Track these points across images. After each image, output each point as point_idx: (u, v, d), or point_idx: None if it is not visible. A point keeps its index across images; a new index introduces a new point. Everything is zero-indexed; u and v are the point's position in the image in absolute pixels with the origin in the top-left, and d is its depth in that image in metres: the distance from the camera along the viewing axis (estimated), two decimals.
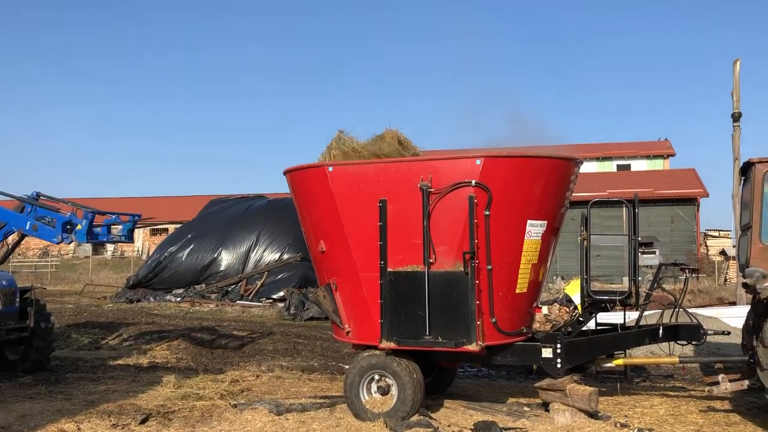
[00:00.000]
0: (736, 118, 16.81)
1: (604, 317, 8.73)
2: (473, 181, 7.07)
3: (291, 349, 12.91)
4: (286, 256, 22.28)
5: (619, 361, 8.29)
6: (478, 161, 7.10)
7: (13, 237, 10.59)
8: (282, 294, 20.40)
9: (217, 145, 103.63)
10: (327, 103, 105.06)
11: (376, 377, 7.50)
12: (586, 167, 35.07)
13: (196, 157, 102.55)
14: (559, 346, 7.51)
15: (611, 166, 42.91)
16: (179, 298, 21.47)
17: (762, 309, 7.45)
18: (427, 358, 7.87)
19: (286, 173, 8.29)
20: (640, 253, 7.96)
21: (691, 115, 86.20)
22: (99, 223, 10.04)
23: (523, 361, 7.95)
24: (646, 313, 8.99)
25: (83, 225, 9.50)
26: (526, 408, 7.99)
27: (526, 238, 7.39)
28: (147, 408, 8.09)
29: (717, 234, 35.55)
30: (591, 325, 8.46)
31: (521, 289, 7.50)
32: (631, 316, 8.93)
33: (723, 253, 32.32)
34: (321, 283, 8.17)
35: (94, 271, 36.78)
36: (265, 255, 22.53)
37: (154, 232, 51.15)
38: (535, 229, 7.46)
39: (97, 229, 9.88)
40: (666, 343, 8.59)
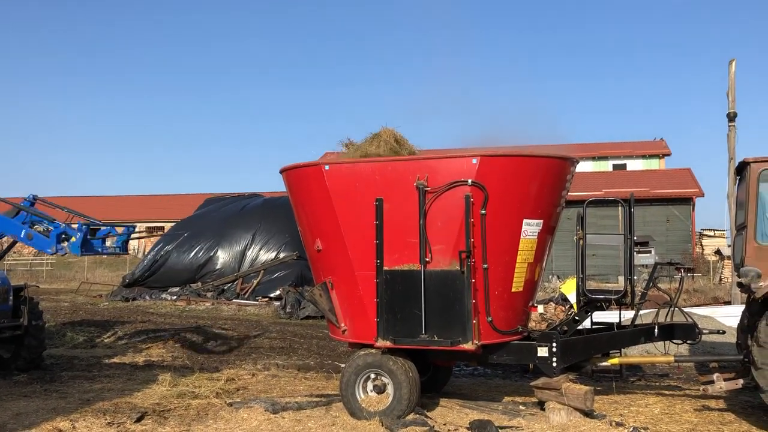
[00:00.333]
0: (731, 118, 16.84)
1: (599, 316, 8.75)
2: (469, 180, 7.08)
3: (287, 347, 12.92)
4: (282, 255, 22.27)
5: (615, 360, 8.32)
6: (475, 160, 7.11)
7: (8, 237, 10.61)
8: (278, 293, 20.40)
9: (213, 143, 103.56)
10: (325, 101, 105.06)
11: (372, 376, 7.51)
12: (582, 167, 35.20)
13: (193, 156, 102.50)
14: (554, 345, 7.52)
15: (607, 166, 42.92)
16: (175, 297, 21.43)
17: (757, 308, 7.48)
18: (423, 357, 7.88)
19: (282, 172, 8.29)
20: (635, 252, 7.97)
21: (686, 114, 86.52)
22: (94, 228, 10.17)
23: (518, 359, 7.96)
24: (642, 312, 9.01)
25: (77, 237, 9.61)
26: (521, 407, 8.00)
27: (522, 237, 7.40)
28: (142, 406, 8.08)
29: (712, 233, 35.62)
30: (587, 324, 8.48)
31: (517, 288, 7.51)
32: (627, 316, 8.94)
33: (718, 252, 32.35)
34: (317, 282, 8.17)
35: (89, 269, 36.68)
36: (261, 253, 22.52)
37: (151, 231, 51.05)
38: (531, 228, 7.47)
39: (96, 241, 10.00)
40: (661, 342, 8.60)
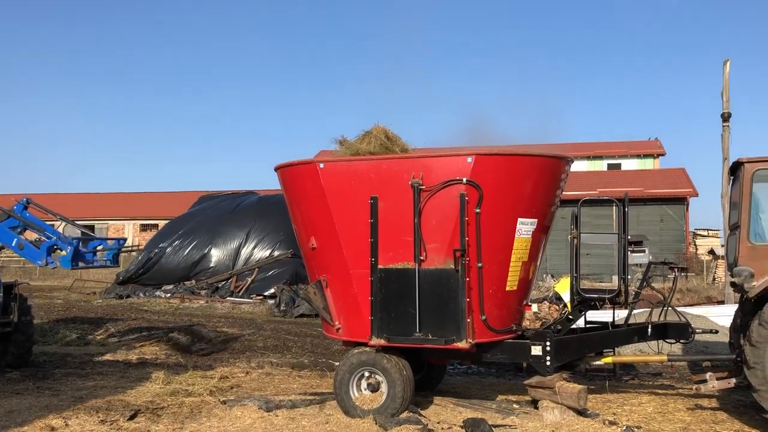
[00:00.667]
0: (725, 118, 16.91)
1: (593, 315, 8.77)
2: (464, 179, 7.08)
3: (281, 345, 12.90)
4: (277, 253, 22.26)
5: (608, 359, 8.34)
6: (470, 159, 7.11)
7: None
8: (272, 291, 20.39)
9: (208, 140, 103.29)
10: (321, 100, 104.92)
11: (366, 374, 7.51)
12: (577, 166, 35.20)
13: (187, 153, 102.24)
14: (548, 343, 7.53)
15: (602, 165, 43.03)
16: (169, 294, 21.41)
17: (749, 308, 7.51)
18: (417, 355, 7.88)
19: (277, 169, 8.27)
20: (629, 251, 7.99)
21: (681, 115, 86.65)
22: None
23: (512, 358, 7.97)
24: (635, 311, 9.04)
25: (68, 251, 9.71)
26: (515, 405, 8.02)
27: (516, 236, 7.41)
28: (136, 404, 8.06)
29: (706, 233, 35.74)
30: (580, 323, 8.50)
31: (511, 286, 7.52)
32: (621, 315, 8.97)
33: (712, 252, 32.49)
34: (311, 280, 8.17)
35: None
36: (256, 251, 22.51)
37: (144, 228, 50.93)
38: (525, 227, 7.48)
39: (88, 254, 10.17)
40: (654, 342, 8.63)
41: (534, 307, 8.43)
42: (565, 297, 9.00)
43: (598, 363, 8.42)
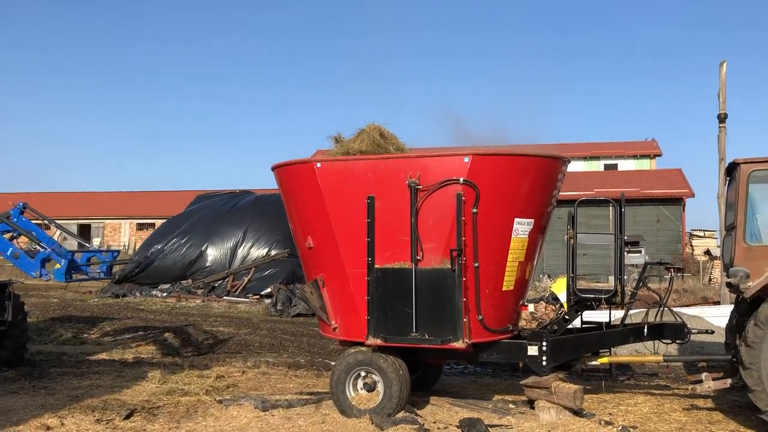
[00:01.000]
0: (722, 119, 16.92)
1: (589, 315, 8.78)
2: (461, 179, 7.09)
3: (277, 345, 12.88)
4: (274, 252, 22.23)
5: (604, 360, 8.35)
6: (467, 159, 7.12)
7: None
8: (269, 290, 20.35)
9: (206, 139, 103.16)
10: (318, 99, 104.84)
11: (363, 374, 7.51)
12: (574, 166, 35.31)
13: (184, 152, 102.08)
14: (544, 343, 7.54)
15: (598, 166, 43.08)
16: (165, 293, 21.35)
17: (745, 308, 7.54)
18: (413, 355, 7.88)
19: (274, 169, 8.27)
20: (626, 252, 8.01)
21: (678, 115, 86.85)
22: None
23: (508, 358, 7.98)
24: (632, 311, 9.05)
25: (62, 264, 9.72)
26: (511, 405, 8.02)
27: (513, 236, 7.42)
28: (132, 403, 8.04)
29: (702, 234, 35.80)
30: (577, 323, 8.50)
31: (508, 286, 7.53)
32: (617, 315, 8.98)
33: (708, 252, 32.52)
34: (308, 279, 8.16)
35: None
36: (252, 251, 22.46)
37: (141, 227, 50.85)
38: (522, 227, 7.49)
39: (83, 267, 10.30)
40: (651, 342, 8.64)
41: (530, 307, 8.47)
42: (562, 297, 9.03)
43: (594, 363, 8.43)
